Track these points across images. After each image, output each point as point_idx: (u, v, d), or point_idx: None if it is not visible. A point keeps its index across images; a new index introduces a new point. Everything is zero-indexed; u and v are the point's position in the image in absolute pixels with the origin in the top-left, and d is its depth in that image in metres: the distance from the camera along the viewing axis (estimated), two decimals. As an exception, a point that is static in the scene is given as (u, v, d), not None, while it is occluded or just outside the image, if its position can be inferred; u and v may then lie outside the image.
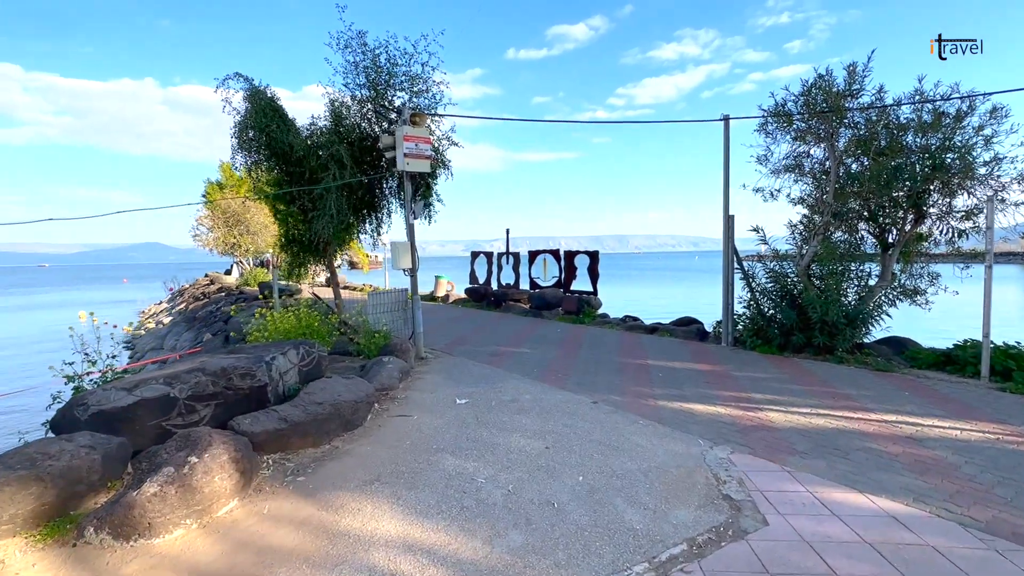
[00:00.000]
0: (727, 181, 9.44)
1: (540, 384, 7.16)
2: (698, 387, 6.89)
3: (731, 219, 9.46)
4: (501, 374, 7.77)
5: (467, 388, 7.00)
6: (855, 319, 8.29)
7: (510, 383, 7.22)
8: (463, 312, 15.96)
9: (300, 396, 5.22)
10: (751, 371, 7.69)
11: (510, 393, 6.72)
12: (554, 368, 8.10)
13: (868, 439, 4.98)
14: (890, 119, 8.58)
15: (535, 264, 15.64)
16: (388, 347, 8.29)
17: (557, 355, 9.10)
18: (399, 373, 7.22)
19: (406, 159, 8.44)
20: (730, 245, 9.46)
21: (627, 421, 5.60)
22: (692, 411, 5.92)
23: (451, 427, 5.49)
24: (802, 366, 7.94)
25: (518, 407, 6.13)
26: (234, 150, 10.55)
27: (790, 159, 9.58)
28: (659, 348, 9.59)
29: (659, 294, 37.56)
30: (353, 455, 4.81)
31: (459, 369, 8.14)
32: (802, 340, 8.55)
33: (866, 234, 9.49)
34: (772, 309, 9.31)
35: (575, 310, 13.41)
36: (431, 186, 11.68)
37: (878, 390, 6.58)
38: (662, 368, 7.99)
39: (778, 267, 9.30)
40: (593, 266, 13.46)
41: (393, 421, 5.74)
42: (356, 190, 11.22)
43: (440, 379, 7.52)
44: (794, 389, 6.69)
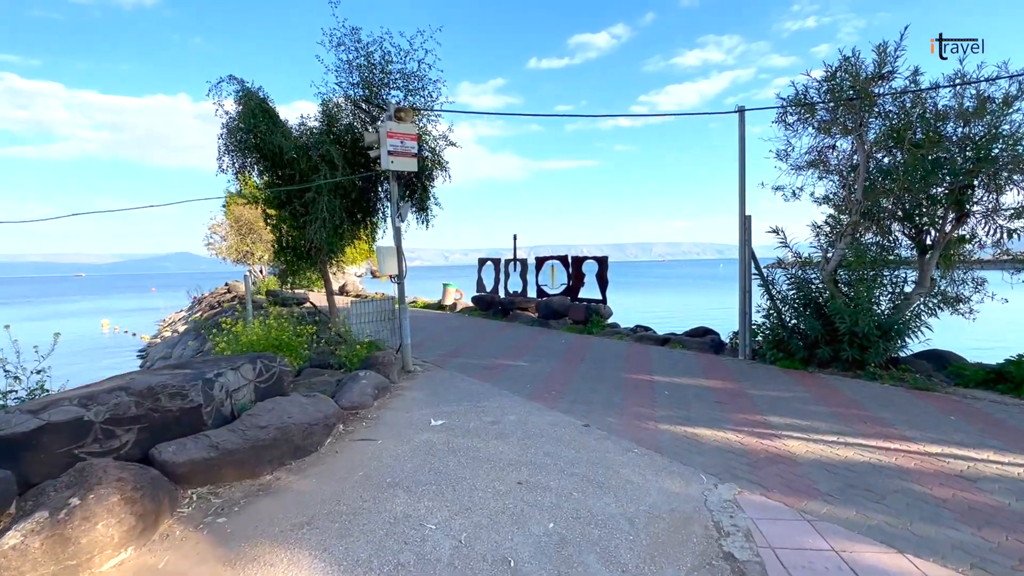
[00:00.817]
0: (743, 178, 8.61)
1: (529, 403, 6.42)
2: (707, 408, 6.07)
3: (748, 220, 8.62)
4: (490, 390, 7.05)
5: (448, 407, 6.31)
6: (889, 330, 7.36)
7: (496, 401, 6.50)
8: (468, 321, 15.30)
9: (242, 419, 4.59)
10: (769, 389, 6.82)
11: (493, 413, 6.00)
12: (549, 384, 7.35)
13: (909, 477, 4.12)
14: (926, 106, 7.67)
15: (542, 271, 14.91)
16: (370, 360, 7.66)
17: (555, 369, 8.34)
18: (374, 390, 6.56)
19: (390, 157, 7.84)
20: (747, 248, 8.60)
21: (619, 449, 4.83)
22: (697, 437, 5.11)
23: (416, 455, 4.79)
24: (828, 383, 7.04)
25: (498, 431, 5.40)
26: (221, 152, 10.12)
27: (813, 154, 8.70)
28: (668, 361, 8.75)
29: (676, 303, 36.38)
30: (292, 490, 4.15)
31: (446, 384, 7.46)
32: (828, 354, 7.64)
33: (900, 235, 8.54)
34: (794, 319, 8.41)
35: (583, 319, 12.62)
36: (427, 188, 11.12)
37: (918, 413, 5.67)
38: (669, 385, 7.18)
39: (801, 272, 8.42)
40: (602, 273, 12.67)
41: (353, 446, 5.07)
42: (349, 193, 10.69)
43: (421, 396, 6.84)
44: (818, 411, 5.82)
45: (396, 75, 10.17)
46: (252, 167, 10.33)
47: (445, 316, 16.99)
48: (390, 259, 8.28)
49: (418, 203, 11.21)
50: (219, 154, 10.08)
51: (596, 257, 12.92)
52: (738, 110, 8.62)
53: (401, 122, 7.97)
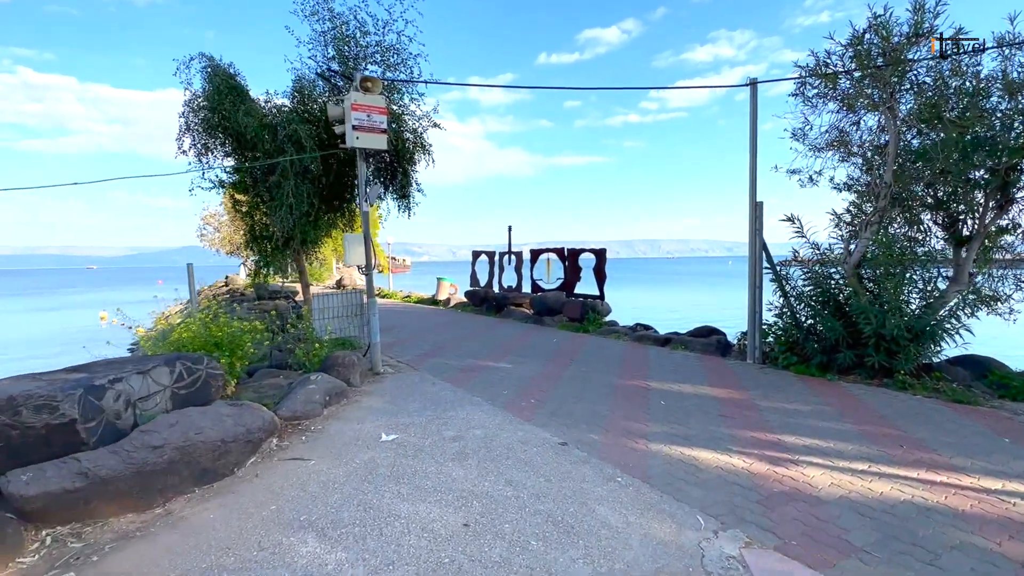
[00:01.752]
0: (754, 159, 7.64)
1: (502, 414, 5.53)
2: (709, 423, 5.16)
3: (759, 207, 7.66)
4: (461, 398, 6.18)
5: (407, 418, 5.43)
6: (921, 333, 6.40)
7: (465, 411, 5.62)
8: (458, 317, 14.42)
9: (132, 436, 3.73)
10: (782, 400, 5.89)
11: (457, 427, 5.12)
12: (530, 390, 6.46)
13: (967, 525, 3.19)
14: (967, 76, 6.68)
15: (537, 265, 13.99)
16: (329, 361, 6.80)
17: (541, 372, 7.45)
18: (324, 396, 5.70)
19: (355, 132, 6.96)
20: (757, 238, 7.65)
21: (599, 477, 3.93)
22: (696, 462, 4.21)
23: (350, 481, 3.92)
24: (851, 394, 6.09)
25: (457, 450, 4.52)
26: (181, 131, 9.28)
27: (833, 133, 7.73)
28: (668, 365, 7.83)
29: (681, 300, 35.28)
30: (179, 529, 3.29)
31: (413, 389, 6.58)
32: (851, 359, 6.68)
33: (932, 225, 7.56)
34: (811, 318, 7.46)
35: (578, 316, 11.71)
36: (409, 173, 10.24)
37: (964, 434, 4.72)
38: (666, 393, 6.26)
39: (819, 267, 7.46)
40: (599, 266, 11.74)
41: (279, 468, 4.21)
42: (321, 177, 9.82)
43: (381, 403, 5.97)
44: (843, 430, 4.89)
45: (373, 48, 9.29)
46: (217, 148, 9.49)
47: (436, 312, 16.13)
48: (356, 248, 7.40)
49: (399, 189, 10.34)
50: (179, 133, 9.24)
51: (594, 249, 11.99)
52: (750, 83, 7.66)
53: (368, 93, 7.08)
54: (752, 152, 7.63)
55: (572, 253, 12.62)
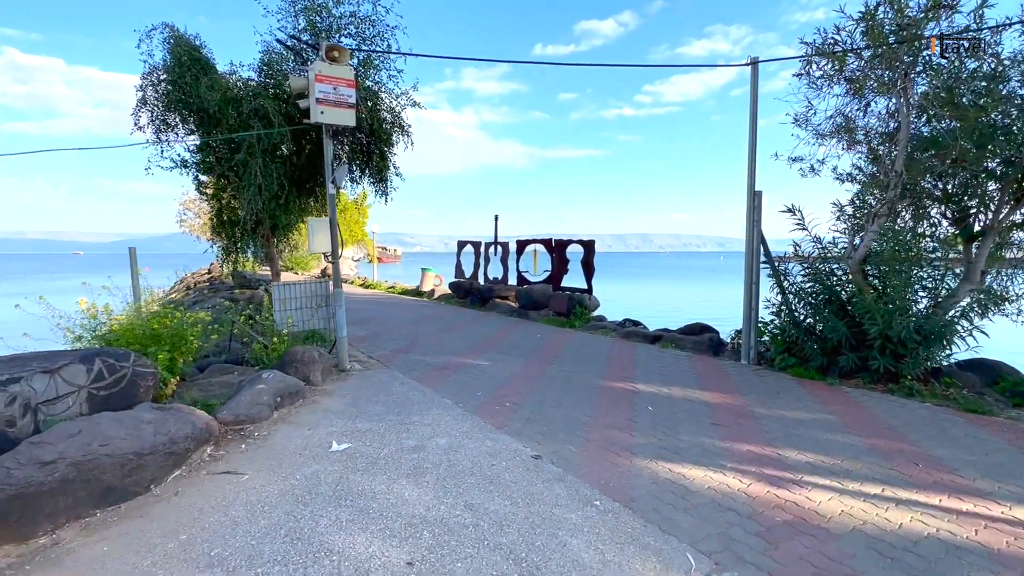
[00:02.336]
0: (754, 144, 7.10)
1: (472, 419, 4.98)
2: (701, 433, 4.63)
3: (758, 196, 7.13)
4: (430, 400, 5.62)
5: (366, 423, 4.87)
6: (931, 335, 5.92)
7: (432, 416, 5.06)
8: (441, 310, 13.84)
9: (20, 449, 3.14)
10: (781, 407, 5.38)
11: (420, 434, 4.56)
12: (506, 392, 5.92)
13: (1006, 569, 2.68)
14: (985, 59, 6.17)
15: (524, 256, 13.41)
16: (287, 356, 6.22)
17: (520, 371, 6.90)
18: (274, 397, 5.11)
19: (320, 106, 6.33)
20: (755, 229, 7.12)
21: (574, 500, 3.39)
22: (686, 482, 3.68)
23: (282, 503, 3.35)
24: (855, 401, 5.60)
25: (415, 463, 3.97)
26: (139, 104, 8.59)
27: (839, 118, 7.20)
28: (657, 365, 7.31)
29: (673, 294, 34.86)
30: (62, 565, 2.71)
31: (379, 389, 6.01)
32: (854, 362, 6.18)
33: (941, 219, 7.07)
34: (811, 317, 6.96)
35: (565, 311, 11.16)
36: (386, 156, 9.62)
37: (983, 450, 4.23)
38: (654, 397, 5.74)
39: (821, 263, 6.95)
40: (588, 259, 11.18)
41: (208, 483, 3.63)
42: (292, 158, 9.19)
43: (341, 405, 5.40)
44: (850, 444, 4.38)
45: (347, 19, 8.64)
46: (178, 125, 8.81)
47: (419, 304, 15.53)
48: (321, 233, 6.79)
49: (375, 172, 9.72)
50: (135, 108, 8.55)
51: (582, 241, 11.42)
52: (751, 62, 7.09)
53: (335, 64, 6.44)
54: (752, 136, 7.08)
55: (559, 245, 12.05)
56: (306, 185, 9.79)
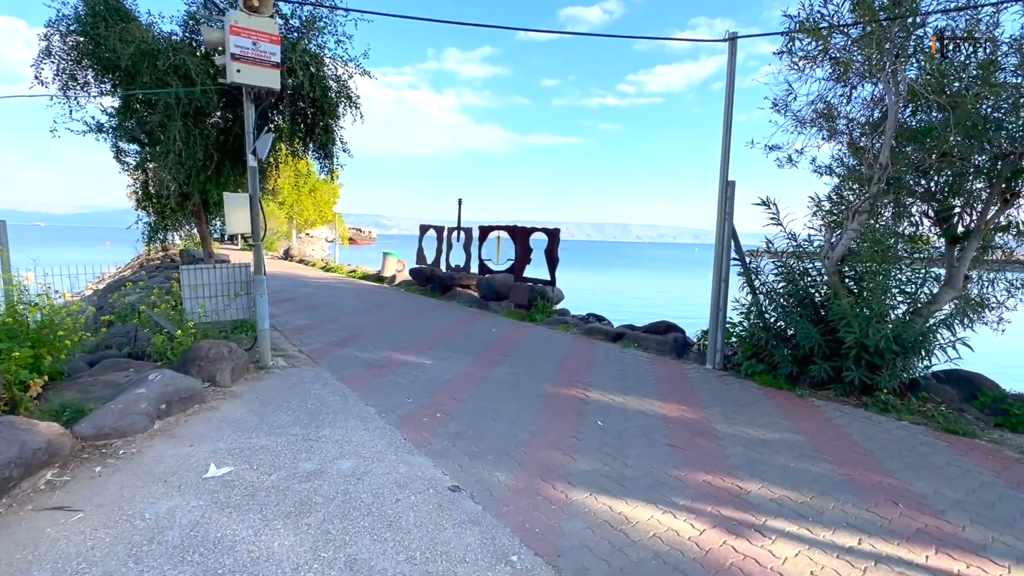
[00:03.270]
0: (728, 129, 6.46)
1: (391, 434, 4.27)
2: (654, 456, 4.01)
3: (731, 186, 6.51)
4: (350, 406, 4.88)
5: (263, 438, 4.12)
6: (909, 344, 5.41)
7: (344, 428, 4.34)
8: (398, 297, 13.04)
9: None
10: (745, 422, 4.80)
11: (323, 454, 3.83)
12: (442, 398, 5.22)
13: (1014, 670, 2.10)
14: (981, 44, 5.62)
15: (487, 243, 12.69)
16: (191, 352, 5.40)
17: (465, 372, 6.21)
18: (158, 403, 4.32)
19: (236, 63, 5.45)
20: (726, 223, 6.52)
21: (486, 555, 2.72)
22: (628, 527, 3.04)
23: (109, 558, 2.60)
24: (825, 417, 5.05)
25: (304, 496, 3.25)
26: (41, 56, 7.53)
27: (820, 104, 6.61)
28: (616, 367, 6.69)
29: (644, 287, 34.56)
30: None
31: (295, 393, 5.25)
32: (826, 372, 5.65)
33: (922, 218, 6.58)
34: (782, 320, 6.41)
35: (526, 303, 10.49)
36: (331, 128, 8.73)
37: (969, 485, 3.69)
38: (607, 408, 5.10)
39: (794, 261, 6.39)
40: (552, 249, 10.49)
41: (26, 525, 2.85)
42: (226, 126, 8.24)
43: (242, 413, 4.63)
44: (821, 474, 3.80)
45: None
46: (90, 82, 7.77)
47: (376, 290, 14.69)
48: (239, 211, 5.94)
49: (319, 146, 8.83)
50: (37, 59, 7.48)
51: (546, 229, 10.72)
52: (729, 37, 6.43)
53: (255, 14, 5.54)
54: (727, 119, 6.44)
55: (523, 232, 11.33)
56: (242, 157, 8.82)
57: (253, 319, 6.80)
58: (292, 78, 7.54)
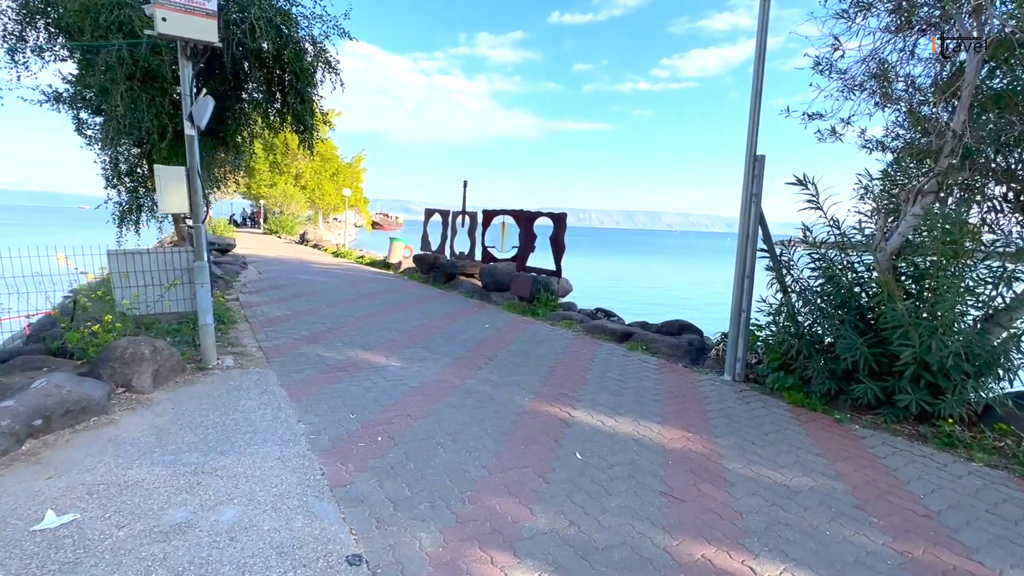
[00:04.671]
0: (758, 92, 5.31)
1: (308, 467, 3.38)
2: (640, 507, 3.03)
3: (759, 161, 5.39)
4: (277, 424, 4.03)
5: (145, 469, 3.28)
6: (984, 363, 4.26)
7: (254, 457, 3.48)
8: (397, 285, 12.22)
9: None
10: (768, 459, 3.76)
11: (206, 497, 2.97)
12: (394, 413, 4.32)
13: None
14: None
15: (491, 229, 11.73)
16: (107, 352, 4.62)
17: (435, 378, 5.30)
18: (25, 420, 3.51)
19: (160, 10, 4.58)
20: (753, 207, 5.40)
21: None
22: (582, 640, 2.08)
23: None
24: (871, 454, 3.96)
25: (146, 566, 2.39)
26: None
27: (873, 63, 5.41)
28: (616, 375, 5.69)
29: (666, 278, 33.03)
30: None
31: (220, 403, 4.42)
32: (873, 393, 4.54)
33: (1001, 203, 5.36)
34: (819, 325, 5.30)
35: (528, 295, 9.51)
36: (306, 96, 7.84)
37: (1086, 574, 2.61)
38: (592, 433, 4.12)
39: (837, 253, 5.25)
40: (557, 236, 9.46)
41: None
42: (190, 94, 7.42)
43: (139, 431, 3.81)
44: (867, 546, 2.77)
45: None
46: (40, 45, 7.04)
47: (377, 278, 13.90)
48: (174, 187, 5.11)
49: (293, 115, 7.96)
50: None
51: (552, 214, 9.68)
52: (761, -23, 5.26)
53: (185, -48, 4.66)
54: (756, 81, 5.30)
55: (527, 217, 10.31)
56: (212, 129, 8.04)
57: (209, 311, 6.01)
58: (252, 38, 6.65)
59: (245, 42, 6.82)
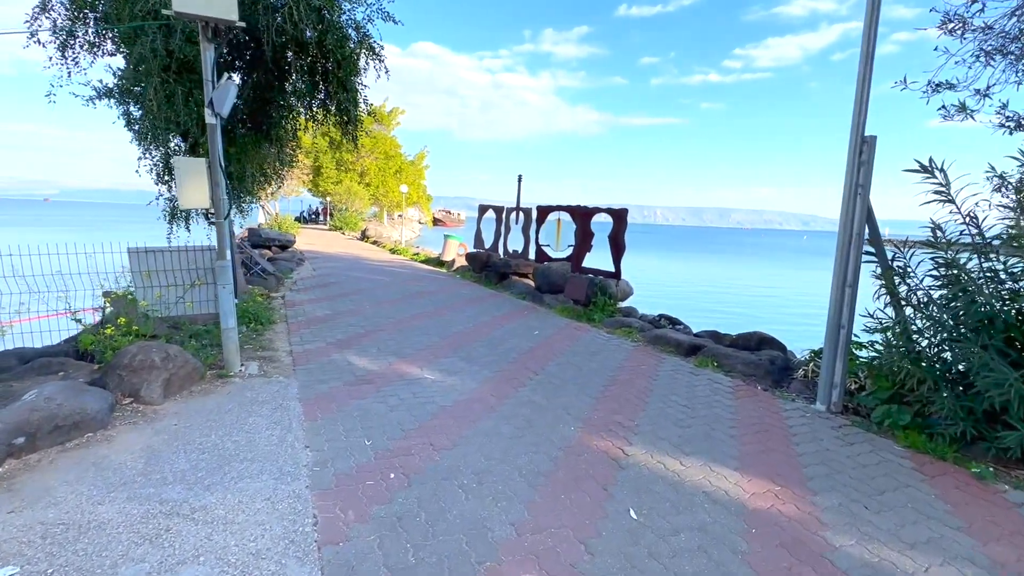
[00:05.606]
0: (868, 57, 4.29)
1: (302, 510, 2.81)
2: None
3: (868, 143, 4.36)
4: (282, 449, 3.51)
5: (118, 503, 2.83)
6: None
7: (240, 493, 2.95)
8: (447, 286, 11.73)
9: None
10: (887, 534, 2.84)
11: (169, 551, 2.46)
12: (417, 441, 3.71)
13: None
14: None
15: (545, 226, 10.98)
16: (117, 358, 4.29)
17: (471, 396, 4.66)
18: (4, 439, 3.16)
19: (174, -15, 4.18)
20: (859, 198, 4.38)
21: None
22: None
23: None
24: (1037, 528, 2.95)
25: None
26: (38, 10, 6.78)
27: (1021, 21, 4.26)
28: (682, 400, 4.83)
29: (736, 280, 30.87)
30: None
31: (230, 418, 3.98)
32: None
33: None
34: (948, 349, 4.21)
35: (583, 299, 8.71)
36: (348, 84, 7.41)
37: None
38: (652, 479, 3.33)
39: (972, 257, 4.14)
40: (616, 234, 8.59)
41: None
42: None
43: (128, 453, 3.39)
44: None
45: None
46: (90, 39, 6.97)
47: (429, 276, 13.50)
48: (194, 180, 4.73)
49: (336, 106, 7.56)
50: (32, 14, 6.74)
51: (611, 210, 8.81)
52: (877, -86, 4.22)
53: (200, -81, 4.24)
54: (866, 44, 4.28)
55: (584, 214, 9.49)
56: (256, 122, 7.77)
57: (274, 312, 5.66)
58: (292, 23, 6.23)
59: (285, 28, 6.45)
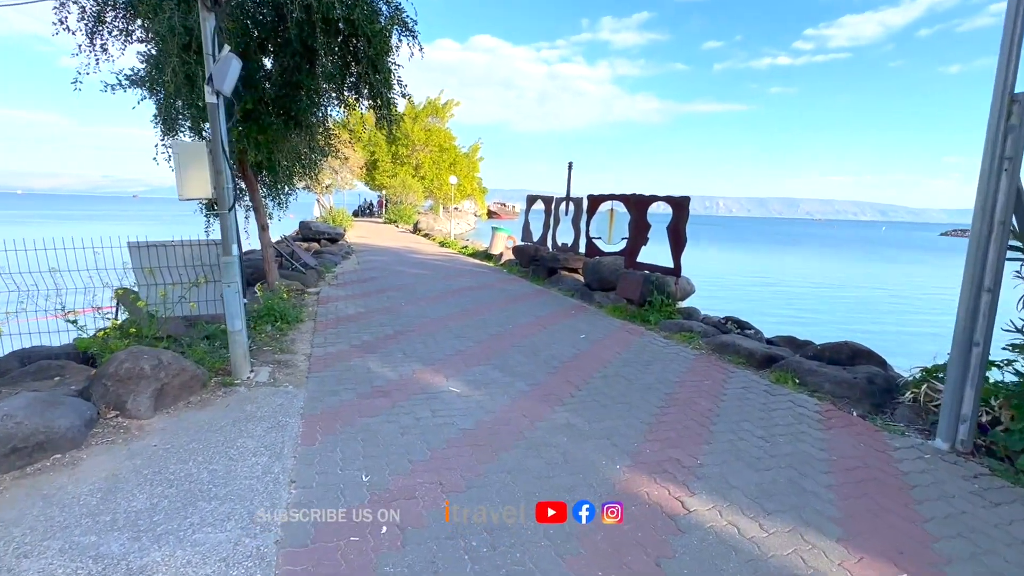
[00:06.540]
0: None
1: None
2: None
3: (1020, 101, 3.28)
4: (263, 484, 2.94)
5: (46, 557, 2.31)
6: None
7: (192, 549, 2.37)
8: (491, 280, 11.07)
9: None
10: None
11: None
12: (425, 478, 3.04)
13: None
14: None
15: (597, 217, 10.07)
16: (104, 367, 3.86)
17: (499, 415, 3.96)
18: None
19: (163, -55, 3.66)
20: (1002, 175, 3.32)
21: None
22: None
23: None
24: None
25: None
26: (65, -4, 6.56)
27: None
28: (757, 426, 3.92)
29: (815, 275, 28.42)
30: None
31: (217, 438, 3.46)
32: None
33: None
34: None
35: (637, 298, 7.80)
36: (380, 64, 6.83)
37: None
38: (726, 551, 2.51)
39: None
40: (676, 225, 7.59)
41: None
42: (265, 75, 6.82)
43: (87, 484, 2.91)
44: None
45: None
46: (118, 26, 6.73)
47: (475, 270, 12.90)
48: (195, 168, 4.25)
49: (368, 89, 7.00)
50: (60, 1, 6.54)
51: (671, 199, 7.82)
52: None
53: None
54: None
55: (639, 204, 8.52)
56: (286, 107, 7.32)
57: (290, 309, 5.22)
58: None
59: (311, 3, 5.94)
